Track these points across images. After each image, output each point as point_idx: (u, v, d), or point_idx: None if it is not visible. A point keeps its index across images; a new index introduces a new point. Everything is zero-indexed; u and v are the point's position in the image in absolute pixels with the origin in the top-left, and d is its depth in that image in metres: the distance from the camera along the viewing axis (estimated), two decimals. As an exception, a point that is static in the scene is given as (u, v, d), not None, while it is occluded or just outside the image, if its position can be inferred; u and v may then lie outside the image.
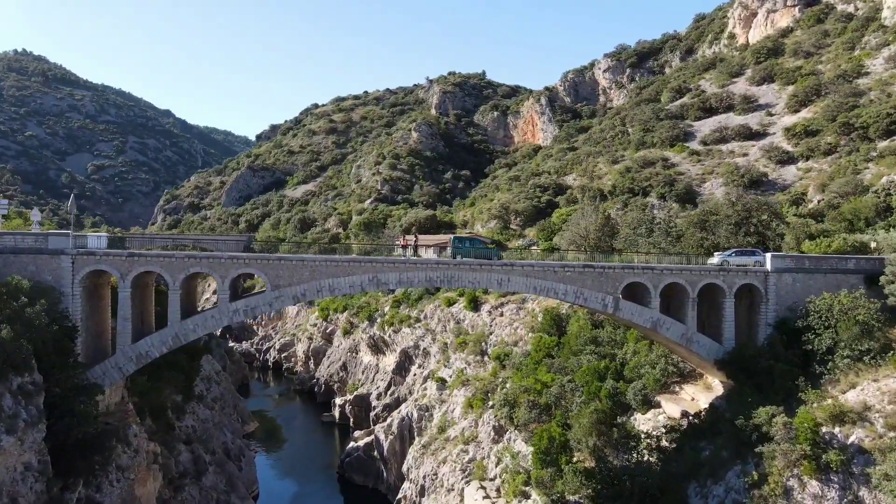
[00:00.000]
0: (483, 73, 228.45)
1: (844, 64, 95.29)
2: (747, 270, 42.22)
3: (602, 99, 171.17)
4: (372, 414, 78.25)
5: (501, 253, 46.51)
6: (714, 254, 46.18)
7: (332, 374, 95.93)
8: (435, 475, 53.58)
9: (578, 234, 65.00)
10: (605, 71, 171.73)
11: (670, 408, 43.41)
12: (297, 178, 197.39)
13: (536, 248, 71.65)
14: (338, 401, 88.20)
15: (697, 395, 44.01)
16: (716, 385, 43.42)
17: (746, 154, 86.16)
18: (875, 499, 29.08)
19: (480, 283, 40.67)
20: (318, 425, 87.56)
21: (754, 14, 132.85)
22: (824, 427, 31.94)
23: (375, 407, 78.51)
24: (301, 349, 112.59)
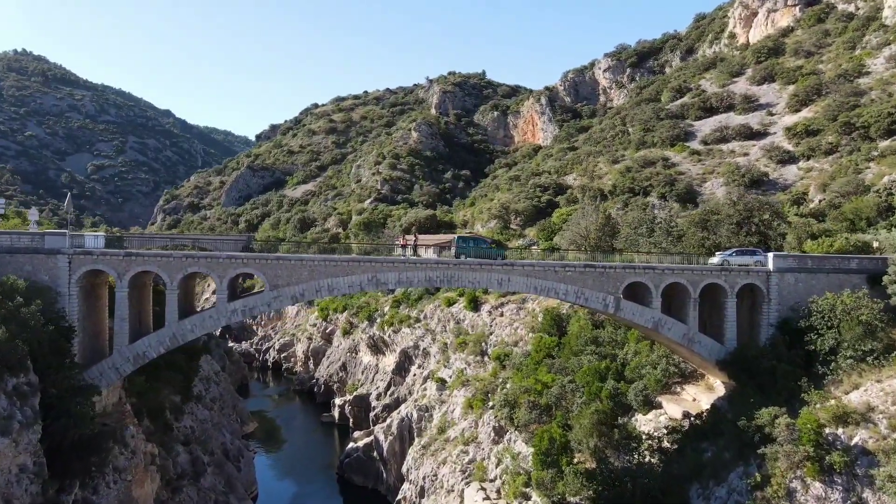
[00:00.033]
0: (483, 72, 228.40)
1: (845, 63, 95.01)
2: (749, 270, 41.91)
3: (602, 99, 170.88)
4: (371, 414, 77.98)
5: (506, 253, 46.14)
6: (715, 253, 45.90)
7: (332, 374, 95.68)
8: (435, 476, 53.31)
9: (579, 233, 64.71)
10: (605, 71, 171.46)
11: (672, 408, 43.13)
12: (297, 178, 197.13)
13: (537, 248, 71.36)
14: (337, 401, 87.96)
15: (699, 395, 43.73)
16: (717, 385, 43.16)
17: (747, 154, 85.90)
18: (879, 501, 28.79)
19: (480, 282, 40.40)
20: (318, 426, 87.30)
21: (755, 13, 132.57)
22: (827, 428, 31.64)
23: (375, 407, 78.26)
24: (300, 349, 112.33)
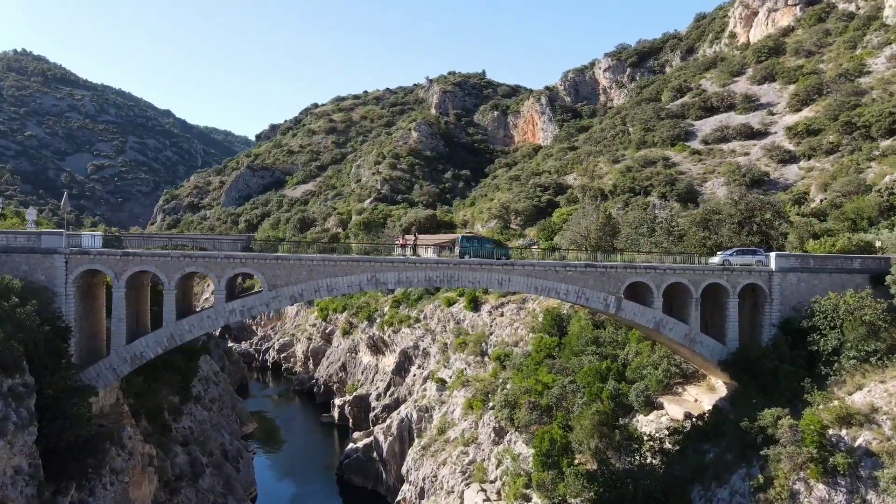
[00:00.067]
0: (483, 72, 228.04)
1: (846, 63, 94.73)
2: (751, 270, 41.64)
3: (602, 98, 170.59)
4: (371, 415, 77.69)
5: (510, 252, 45.74)
6: (717, 253, 45.62)
7: (332, 374, 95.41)
8: (435, 477, 53.04)
9: (579, 233, 64.44)
10: (605, 70, 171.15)
11: (673, 409, 42.85)
12: (297, 178, 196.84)
13: (537, 248, 71.08)
14: (337, 401, 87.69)
15: (700, 396, 43.44)
16: (719, 386, 42.88)
17: (748, 153, 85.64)
18: (883, 503, 28.50)
19: (480, 282, 40.11)
20: (318, 426, 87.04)
21: (755, 13, 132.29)
22: (831, 429, 31.36)
23: (375, 408, 77.97)
24: (300, 349, 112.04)
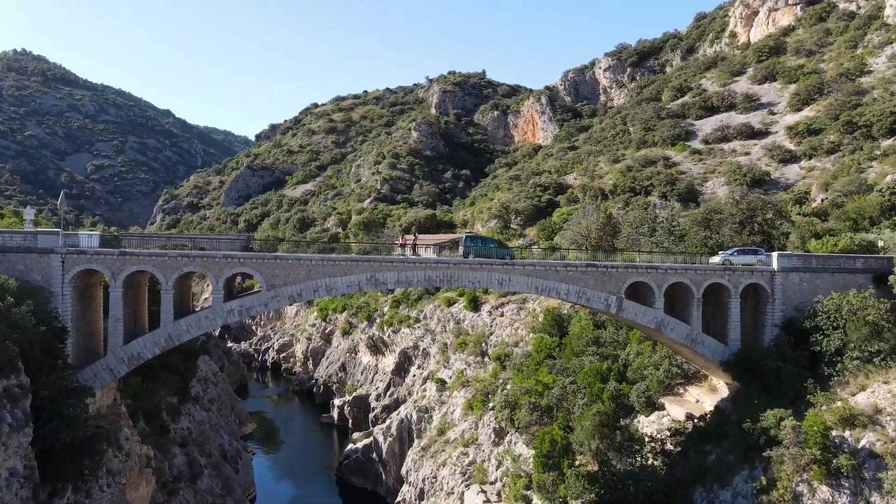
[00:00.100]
0: (483, 72, 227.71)
1: (847, 62, 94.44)
2: (753, 270, 41.36)
3: (602, 98, 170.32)
4: (371, 415, 77.39)
5: (515, 252, 45.43)
6: (718, 253, 45.35)
7: (331, 374, 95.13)
8: (434, 478, 52.75)
9: (580, 233, 64.15)
10: (605, 70, 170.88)
11: (674, 410, 42.55)
12: (297, 178, 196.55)
13: (537, 248, 70.81)
14: (336, 402, 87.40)
15: (702, 397, 43.15)
16: (721, 387, 42.59)
17: (748, 153, 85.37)
18: (887, 505, 28.25)
19: (481, 282, 39.81)
20: (317, 426, 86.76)
21: (756, 13, 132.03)
22: (834, 430, 31.07)
23: (374, 408, 77.68)
24: (300, 349, 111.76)
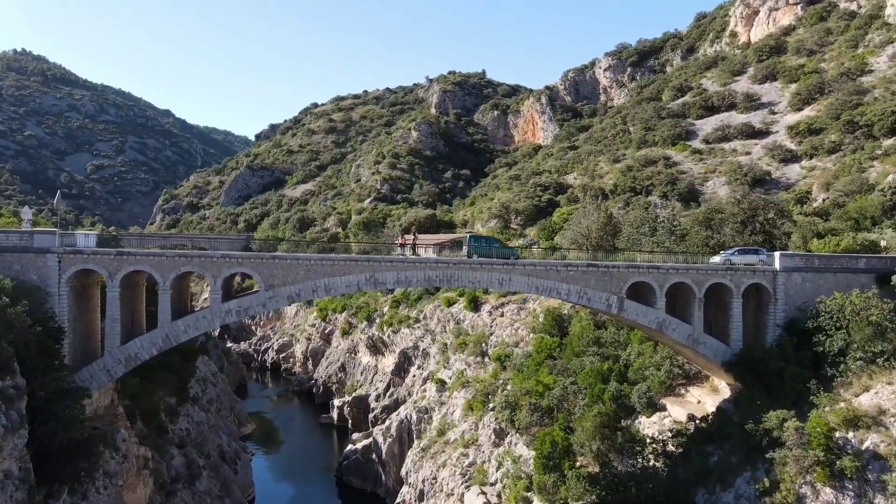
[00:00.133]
0: (483, 72, 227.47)
1: (848, 62, 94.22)
2: (755, 270, 41.09)
3: (603, 98, 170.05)
4: (370, 416, 77.09)
5: (518, 252, 45.06)
6: (720, 252, 45.08)
7: (331, 374, 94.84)
8: (434, 479, 52.45)
9: (580, 233, 63.88)
10: (605, 70, 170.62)
11: (676, 411, 42.25)
12: (297, 178, 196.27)
13: (537, 248, 70.54)
14: (336, 402, 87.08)
15: (704, 397, 42.84)
16: (722, 387, 42.31)
17: (749, 153, 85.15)
18: (891, 507, 27.97)
19: (481, 282, 39.53)
20: (317, 427, 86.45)
21: (756, 12, 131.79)
22: (837, 432, 30.82)
23: (374, 409, 77.39)
24: (299, 350, 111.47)
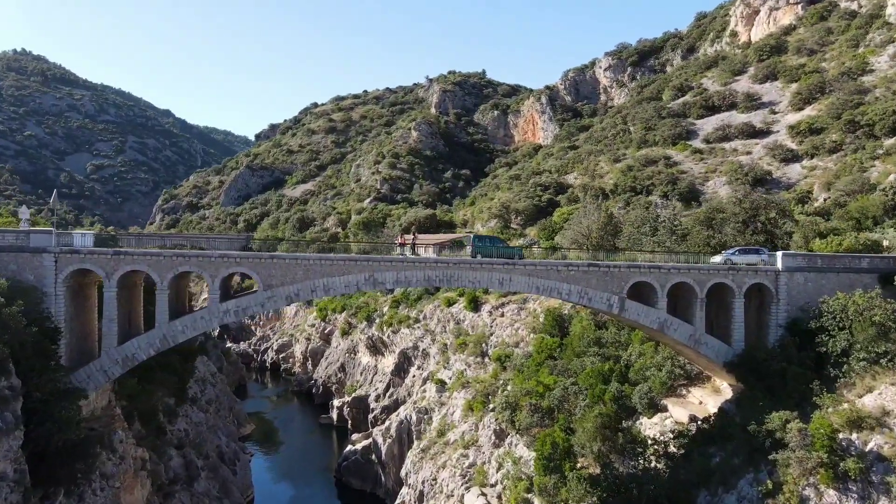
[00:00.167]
0: (483, 72, 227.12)
1: (849, 61, 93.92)
2: (757, 269, 40.82)
3: (603, 98, 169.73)
4: (370, 416, 76.84)
5: (523, 252, 44.73)
6: (721, 252, 44.83)
7: (331, 375, 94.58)
8: (434, 480, 52.18)
9: (581, 232, 63.67)
10: (605, 69, 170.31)
11: (677, 412, 41.98)
12: (297, 178, 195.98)
13: (538, 247, 70.27)
14: (336, 402, 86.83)
15: (705, 398, 42.59)
16: (724, 388, 42.05)
17: (750, 152, 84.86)
18: (896, 509, 27.69)
19: (481, 282, 39.27)
20: (316, 427, 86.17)
21: (756, 12, 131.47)
22: (841, 433, 30.50)
23: (374, 409, 77.13)
24: (299, 350, 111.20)
